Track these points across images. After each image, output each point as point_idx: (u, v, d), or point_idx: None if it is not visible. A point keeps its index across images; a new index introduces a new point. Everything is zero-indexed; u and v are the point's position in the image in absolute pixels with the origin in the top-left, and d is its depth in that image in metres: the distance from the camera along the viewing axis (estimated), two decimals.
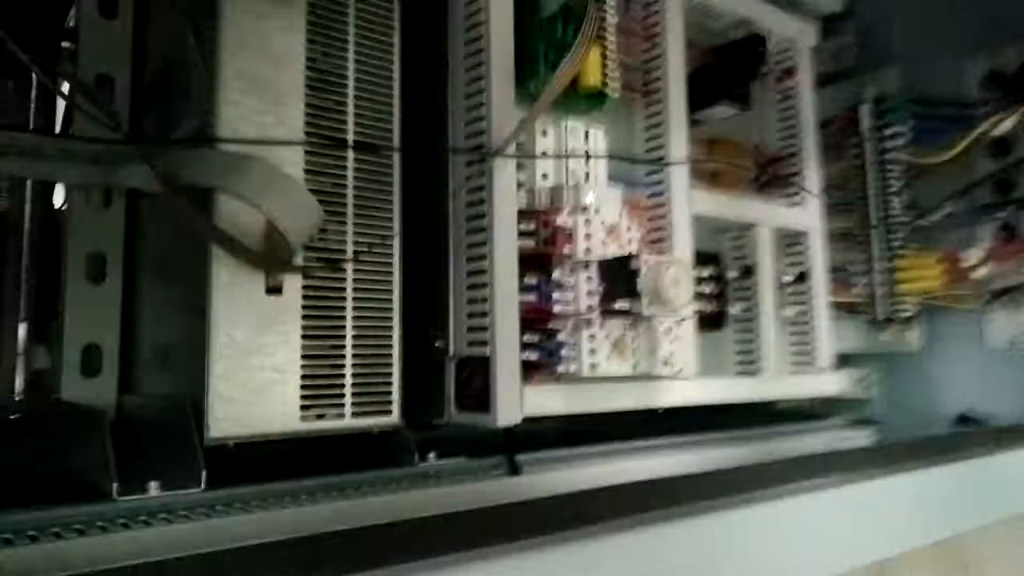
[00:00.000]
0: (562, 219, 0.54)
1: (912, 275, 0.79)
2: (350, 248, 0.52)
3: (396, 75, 0.56)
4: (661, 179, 0.66)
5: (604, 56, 0.63)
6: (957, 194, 0.77)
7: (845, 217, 0.84)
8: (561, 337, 0.54)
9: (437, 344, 0.57)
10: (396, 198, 0.55)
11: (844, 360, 0.86)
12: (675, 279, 0.51)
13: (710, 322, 0.72)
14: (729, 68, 0.69)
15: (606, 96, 0.63)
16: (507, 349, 0.53)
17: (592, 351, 0.53)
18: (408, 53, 0.57)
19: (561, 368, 0.54)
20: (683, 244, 0.65)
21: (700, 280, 0.70)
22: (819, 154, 0.80)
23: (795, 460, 0.56)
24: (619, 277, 0.53)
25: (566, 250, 0.54)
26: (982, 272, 0.74)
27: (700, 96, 0.69)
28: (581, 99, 0.62)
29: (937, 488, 0.60)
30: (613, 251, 0.55)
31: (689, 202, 0.66)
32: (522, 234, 0.55)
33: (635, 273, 0.52)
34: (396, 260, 0.54)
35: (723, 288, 0.73)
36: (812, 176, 0.79)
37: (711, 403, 0.66)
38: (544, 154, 0.57)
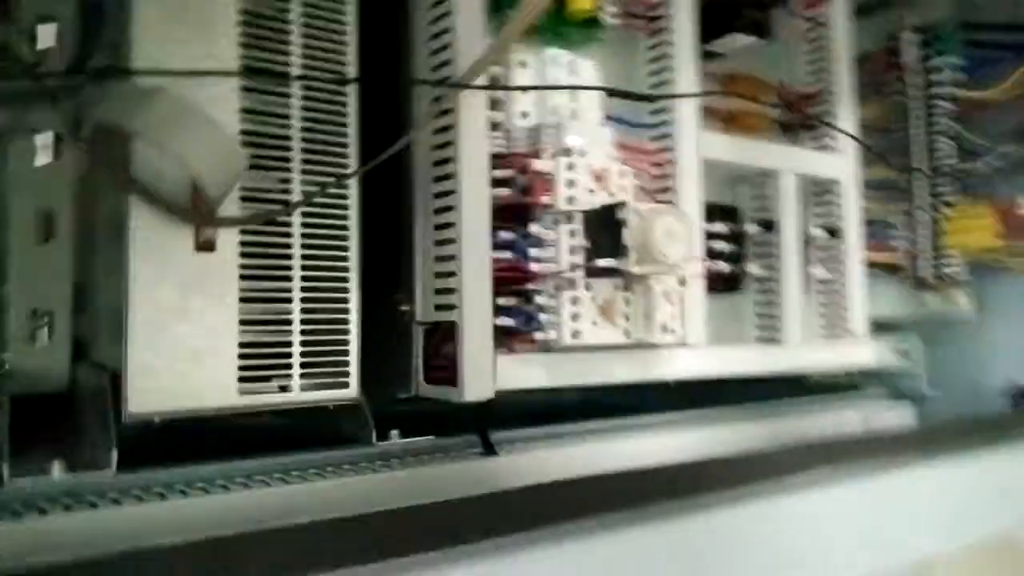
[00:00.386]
0: (540, 163, 0.47)
1: (962, 228, 0.69)
2: (296, 198, 0.46)
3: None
4: (666, 119, 0.58)
5: None
6: (1015, 134, 0.67)
7: (885, 164, 0.74)
8: (540, 300, 0.46)
9: (403, 308, 0.50)
10: (352, 140, 0.48)
11: (883, 327, 0.77)
12: (669, 231, 0.43)
13: (726, 283, 0.64)
14: None
15: (599, 23, 0.55)
16: (477, 314, 0.46)
17: (575, 316, 0.46)
18: None
19: (539, 336, 0.46)
20: (691, 193, 0.57)
21: (713, 236, 0.62)
22: (855, 92, 0.71)
23: (823, 445, 0.48)
24: (605, 230, 0.45)
25: (545, 199, 0.47)
26: None
27: (713, 25, 0.60)
28: (571, 27, 0.54)
29: (989, 475, 0.52)
30: (601, 200, 0.47)
31: (698, 145, 0.58)
32: (497, 181, 0.48)
33: (622, 225, 0.44)
34: (353, 211, 0.48)
35: (741, 245, 0.64)
36: (846, 117, 0.69)
37: (723, 376, 0.58)
38: (520, 87, 0.49)
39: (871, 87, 0.75)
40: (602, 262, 0.45)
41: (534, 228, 0.46)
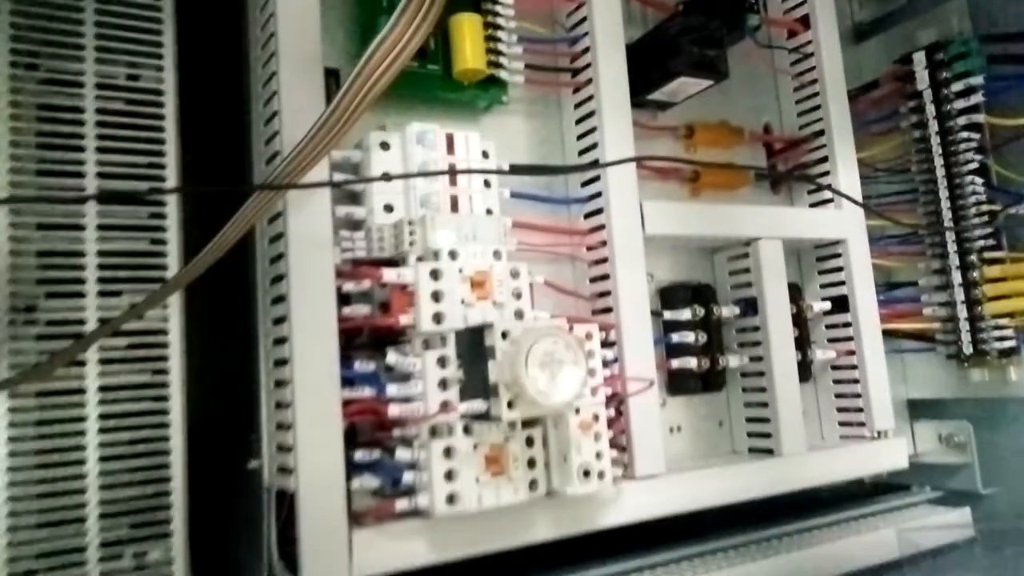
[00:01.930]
0: (395, 272, 0.36)
1: (1007, 288, 0.55)
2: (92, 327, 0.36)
3: (170, 93, 0.39)
4: (599, 191, 0.46)
5: (495, 27, 0.44)
6: None
7: (907, 212, 0.61)
8: (402, 455, 0.35)
9: (252, 464, 0.39)
10: (173, 255, 0.38)
11: (925, 408, 0.62)
12: (546, 361, 0.31)
13: (703, 383, 0.51)
14: (693, 25, 0.48)
15: (502, 83, 0.45)
16: (319, 479, 0.35)
17: (450, 474, 0.34)
18: (196, 56, 0.41)
19: (403, 504, 0.35)
20: (632, 283, 0.45)
21: (679, 326, 0.50)
22: (855, 129, 0.58)
23: None
24: (474, 359, 0.34)
25: (405, 318, 0.36)
26: None
27: (653, 70, 0.49)
28: (465, 91, 0.44)
29: None
30: (481, 315, 0.36)
31: (642, 218, 0.46)
32: (352, 297, 0.38)
33: (489, 354, 0.33)
34: (175, 341, 0.38)
35: (718, 332, 0.51)
36: (846, 162, 0.56)
37: (693, 510, 0.45)
38: (347, 179, 0.39)
39: (880, 120, 0.62)
40: (463, 406, 0.33)
41: (392, 358, 0.35)
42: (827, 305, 0.55)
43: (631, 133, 0.47)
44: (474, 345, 0.34)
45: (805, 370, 0.54)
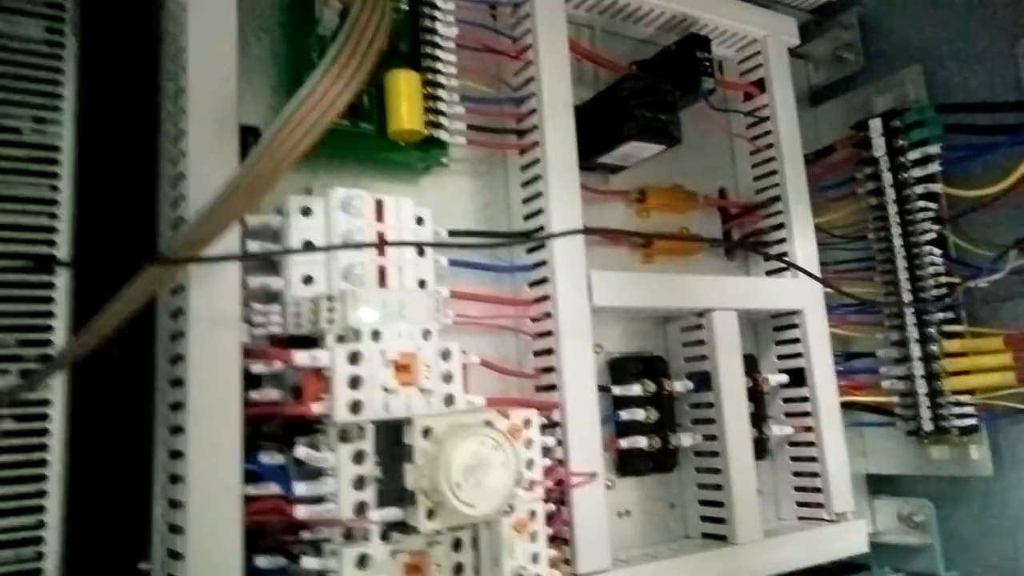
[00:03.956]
0: (305, 355, 0.32)
1: (968, 364, 0.53)
2: None
3: (68, 149, 0.35)
4: (544, 259, 0.43)
5: (435, 84, 0.42)
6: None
7: (864, 280, 0.59)
8: (309, 563, 0.31)
9: (142, 566, 0.35)
10: (60, 331, 0.34)
11: (885, 484, 0.60)
12: (472, 465, 0.28)
13: (654, 463, 0.48)
14: (645, 88, 0.46)
15: (442, 144, 0.42)
16: None
17: None
18: (103, 110, 0.37)
19: None
20: (578, 359, 0.42)
21: (628, 402, 0.47)
22: (815, 194, 0.56)
23: None
24: (392, 458, 0.30)
25: (319, 407, 0.32)
26: None
27: (605, 134, 0.47)
28: (401, 152, 0.41)
29: None
30: (403, 404, 0.32)
31: (588, 291, 0.43)
32: (263, 379, 0.34)
33: (406, 455, 0.29)
34: (57, 428, 0.33)
35: (670, 408, 0.48)
36: (803, 229, 0.54)
37: None
38: (256, 251, 0.35)
39: (837, 185, 0.61)
40: (377, 514, 0.29)
41: (301, 451, 0.31)
42: (784, 378, 0.53)
43: (579, 199, 0.44)
44: (390, 442, 0.30)
45: (761, 447, 0.51)
